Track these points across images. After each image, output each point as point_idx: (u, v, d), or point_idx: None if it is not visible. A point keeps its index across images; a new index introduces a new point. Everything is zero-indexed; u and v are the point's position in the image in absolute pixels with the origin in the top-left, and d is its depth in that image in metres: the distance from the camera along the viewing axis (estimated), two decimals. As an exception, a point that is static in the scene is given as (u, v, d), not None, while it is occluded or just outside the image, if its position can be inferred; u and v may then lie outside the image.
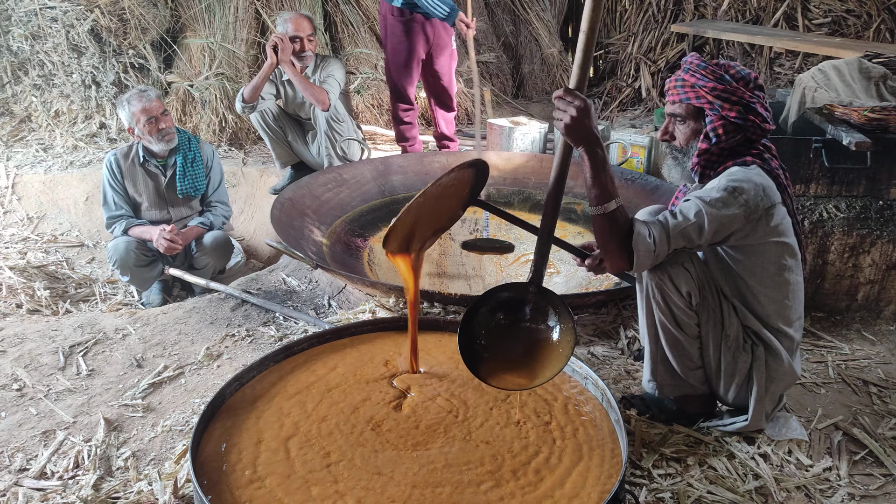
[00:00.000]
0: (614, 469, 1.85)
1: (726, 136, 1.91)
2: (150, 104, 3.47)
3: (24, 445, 2.19)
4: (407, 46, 4.34)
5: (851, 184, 2.99)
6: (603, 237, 1.85)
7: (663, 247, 1.82)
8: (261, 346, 2.76)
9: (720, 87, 1.88)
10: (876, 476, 2.00)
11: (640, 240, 1.80)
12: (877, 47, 4.25)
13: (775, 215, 1.88)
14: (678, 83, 1.96)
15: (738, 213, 1.82)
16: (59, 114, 5.43)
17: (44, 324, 2.99)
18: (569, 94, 1.74)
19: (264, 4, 5.56)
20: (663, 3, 5.99)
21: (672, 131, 2.03)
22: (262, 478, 1.80)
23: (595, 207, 1.82)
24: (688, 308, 1.94)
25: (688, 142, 2.00)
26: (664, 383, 2.10)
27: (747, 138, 1.94)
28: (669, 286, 1.91)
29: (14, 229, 4.61)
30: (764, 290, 1.94)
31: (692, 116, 1.97)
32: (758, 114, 1.90)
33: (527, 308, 1.96)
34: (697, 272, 1.92)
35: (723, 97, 1.88)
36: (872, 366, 2.61)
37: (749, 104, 1.88)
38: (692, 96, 1.93)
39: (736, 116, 1.88)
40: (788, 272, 1.94)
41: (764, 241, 1.89)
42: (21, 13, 5.17)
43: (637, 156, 4.31)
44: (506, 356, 1.94)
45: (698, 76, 1.91)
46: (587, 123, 1.74)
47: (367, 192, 4.05)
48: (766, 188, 1.86)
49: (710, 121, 1.92)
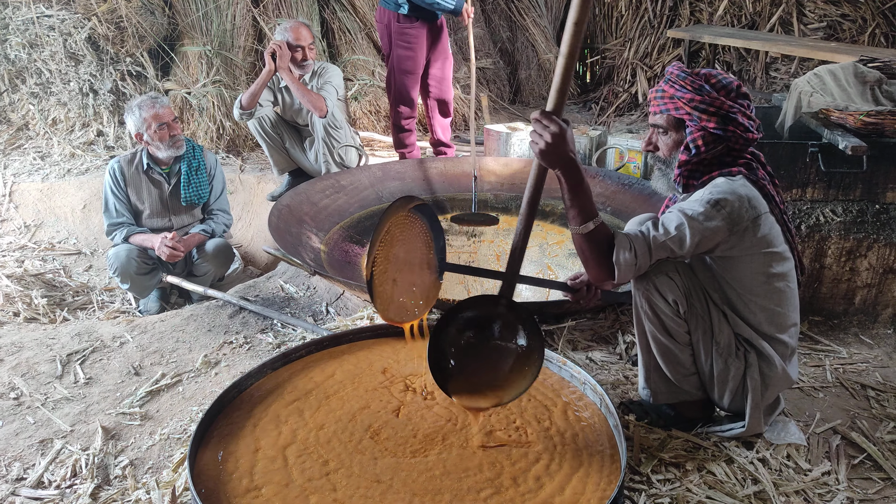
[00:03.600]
0: (613, 475, 1.84)
1: (706, 146, 1.90)
2: (162, 110, 3.48)
3: (21, 454, 2.18)
4: (413, 53, 4.34)
5: (848, 188, 3.00)
6: (584, 254, 1.86)
7: (644, 259, 1.83)
8: (259, 354, 2.76)
9: (698, 97, 1.87)
10: (875, 480, 2.00)
11: (621, 254, 1.81)
12: (872, 52, 4.27)
13: (762, 226, 1.88)
14: (658, 94, 1.96)
15: (721, 225, 1.82)
16: (57, 122, 5.43)
17: (41, 332, 2.99)
18: (545, 118, 1.71)
19: (262, 12, 5.58)
20: (659, 8, 6.02)
21: (655, 142, 2.03)
22: (259, 487, 1.80)
23: (574, 227, 1.82)
24: (676, 316, 1.94)
25: (670, 152, 2.00)
26: (658, 390, 2.10)
27: (730, 148, 1.93)
28: (656, 295, 1.92)
29: (11, 237, 4.61)
30: (753, 299, 1.94)
31: (673, 127, 1.96)
32: (738, 123, 1.88)
33: (495, 325, 1.94)
34: (684, 280, 1.92)
35: (700, 108, 1.87)
36: (870, 369, 2.62)
37: (728, 114, 1.87)
38: (671, 107, 1.92)
39: (715, 127, 1.87)
40: (778, 280, 1.94)
41: (751, 251, 1.89)
42: (18, 22, 5.18)
43: (634, 161, 4.32)
44: (475, 373, 1.93)
45: (677, 87, 1.90)
46: (563, 149, 1.72)
47: (364, 199, 4.05)
48: (751, 199, 1.86)
49: (690, 132, 1.91)
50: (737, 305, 1.96)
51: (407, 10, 4.21)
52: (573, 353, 2.66)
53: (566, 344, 2.71)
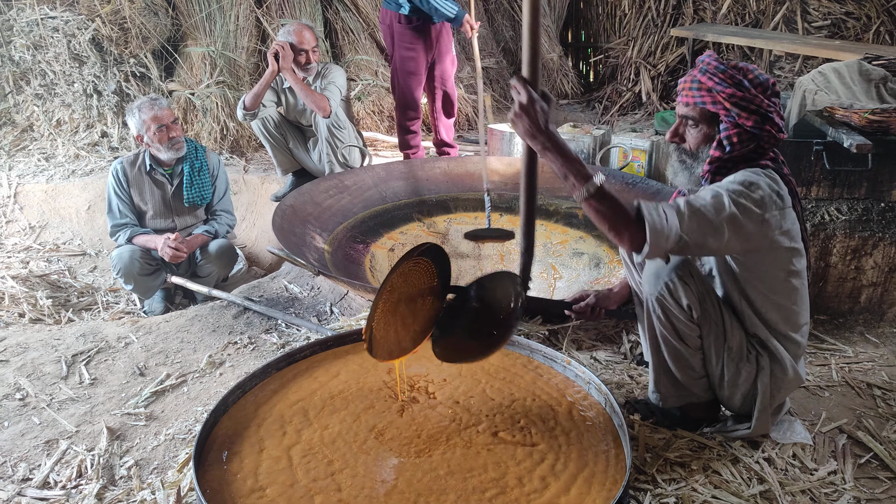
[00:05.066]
0: (619, 475, 1.84)
1: (740, 144, 1.82)
2: (161, 112, 3.49)
3: (26, 455, 2.19)
4: (416, 54, 4.34)
5: (853, 186, 2.99)
6: (604, 221, 1.70)
7: (674, 221, 1.67)
8: (263, 354, 2.76)
9: (739, 94, 1.77)
10: (881, 479, 1.99)
11: (648, 210, 1.68)
12: (876, 49, 4.25)
13: (788, 219, 1.83)
14: (694, 84, 1.85)
15: (753, 207, 1.73)
16: (61, 123, 5.45)
17: (46, 333, 2.99)
18: (519, 82, 1.67)
19: (265, 13, 5.58)
20: (663, 7, 6.00)
21: (682, 133, 1.92)
22: (264, 487, 1.80)
23: (579, 196, 1.71)
24: (689, 321, 1.90)
25: (698, 146, 1.90)
26: (668, 394, 2.08)
27: (759, 146, 1.85)
28: (670, 301, 1.88)
29: (16, 238, 4.62)
30: (773, 297, 1.91)
31: (705, 121, 1.86)
32: (774, 123, 1.80)
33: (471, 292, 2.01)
34: (697, 285, 1.89)
35: (741, 105, 1.78)
36: (876, 368, 2.60)
37: (767, 113, 1.79)
38: (708, 100, 1.82)
39: (753, 126, 1.79)
40: (796, 277, 1.91)
41: (777, 245, 1.83)
42: (23, 23, 5.19)
43: (638, 160, 4.31)
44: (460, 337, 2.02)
45: (716, 80, 1.80)
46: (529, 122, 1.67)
47: (368, 199, 4.06)
48: (780, 188, 1.80)
49: (725, 128, 1.82)
50: (756, 304, 1.91)
51: (408, 11, 4.21)
52: (578, 352, 2.65)
53: (571, 344, 2.70)
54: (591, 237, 3.67)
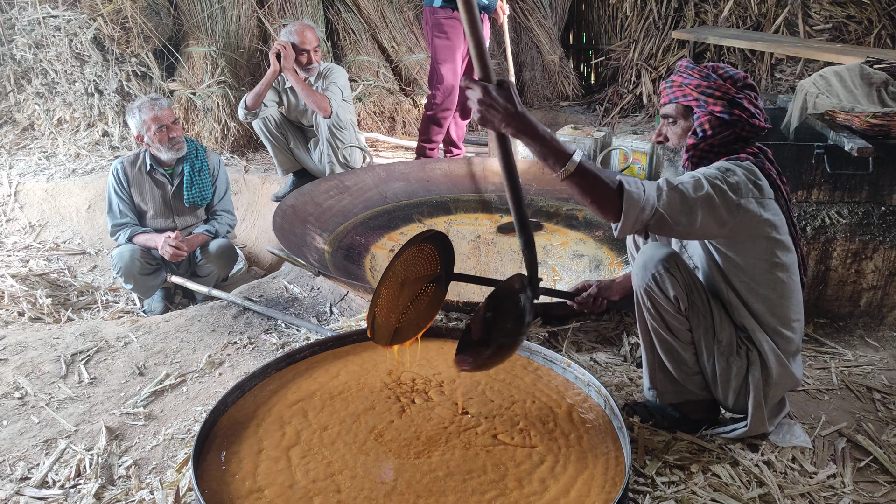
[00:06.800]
0: (618, 477, 1.84)
1: (712, 130, 1.93)
2: (161, 112, 3.49)
3: (25, 454, 2.18)
4: (449, 42, 4.34)
5: (854, 189, 2.99)
6: (586, 194, 1.73)
7: (652, 193, 1.74)
8: (263, 354, 2.76)
9: (704, 83, 1.93)
10: (881, 483, 1.99)
11: (627, 182, 1.73)
12: (878, 53, 4.25)
13: (769, 210, 1.88)
14: (668, 85, 2.03)
15: (729, 191, 1.80)
16: (62, 122, 5.45)
17: (46, 332, 2.99)
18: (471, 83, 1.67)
19: (267, 13, 5.59)
20: (664, 9, 6.00)
21: (665, 133, 2.07)
22: (262, 488, 1.80)
23: (559, 174, 1.72)
24: (678, 313, 1.94)
25: (679, 141, 2.04)
26: (664, 390, 2.10)
27: (738, 135, 1.95)
28: (657, 292, 1.92)
29: (16, 237, 4.62)
30: (757, 288, 1.94)
31: (682, 115, 2.00)
32: (744, 108, 1.92)
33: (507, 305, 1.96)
34: (684, 276, 1.93)
35: (707, 92, 1.92)
36: (876, 372, 2.60)
37: (734, 98, 1.91)
38: (679, 95, 1.98)
39: (721, 111, 1.91)
40: (781, 270, 1.94)
41: (756, 233, 1.88)
42: (25, 22, 5.20)
43: (639, 162, 4.31)
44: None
45: (685, 75, 1.97)
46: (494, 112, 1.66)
47: (369, 200, 4.06)
48: (757, 178, 1.87)
49: (697, 117, 1.95)
50: (741, 292, 1.96)
51: (440, 3, 4.24)
52: (577, 354, 2.65)
53: (570, 346, 2.70)
54: (592, 239, 3.67)
